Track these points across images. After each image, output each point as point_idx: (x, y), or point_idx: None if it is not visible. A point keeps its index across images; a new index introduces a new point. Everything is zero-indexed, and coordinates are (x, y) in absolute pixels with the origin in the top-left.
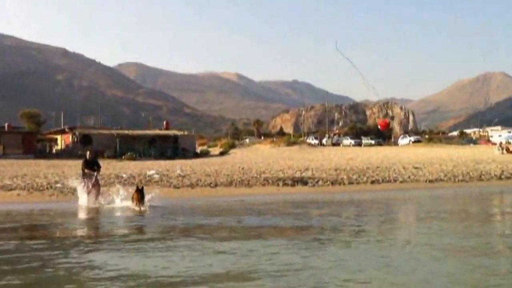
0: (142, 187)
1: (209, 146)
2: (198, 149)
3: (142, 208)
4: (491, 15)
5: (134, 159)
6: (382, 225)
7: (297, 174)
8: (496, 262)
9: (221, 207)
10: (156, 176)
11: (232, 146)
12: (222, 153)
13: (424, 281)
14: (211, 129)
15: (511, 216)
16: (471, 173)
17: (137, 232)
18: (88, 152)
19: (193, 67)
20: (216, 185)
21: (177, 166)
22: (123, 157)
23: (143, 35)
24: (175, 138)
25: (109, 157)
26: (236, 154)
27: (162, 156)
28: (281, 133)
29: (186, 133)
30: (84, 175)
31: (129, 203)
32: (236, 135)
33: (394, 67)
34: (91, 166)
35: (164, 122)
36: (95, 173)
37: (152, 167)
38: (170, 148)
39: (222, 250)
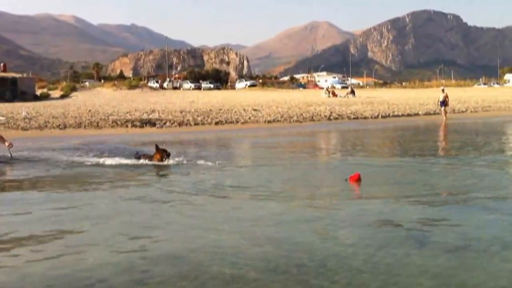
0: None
1: (49, 89)
2: (38, 92)
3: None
4: None
5: None
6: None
7: (144, 116)
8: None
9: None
10: (2, 118)
11: (73, 89)
12: (63, 96)
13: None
14: (48, 72)
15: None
16: (304, 114)
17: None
18: None
19: (27, 8)
20: (65, 127)
21: (22, 108)
22: None
23: None
24: (14, 80)
25: None
26: (78, 97)
27: (0, 99)
28: (121, 76)
29: (25, 75)
30: None
31: None
32: (76, 78)
33: (230, 13)
34: None
35: (1, 65)
36: None
37: None
38: (9, 91)
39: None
